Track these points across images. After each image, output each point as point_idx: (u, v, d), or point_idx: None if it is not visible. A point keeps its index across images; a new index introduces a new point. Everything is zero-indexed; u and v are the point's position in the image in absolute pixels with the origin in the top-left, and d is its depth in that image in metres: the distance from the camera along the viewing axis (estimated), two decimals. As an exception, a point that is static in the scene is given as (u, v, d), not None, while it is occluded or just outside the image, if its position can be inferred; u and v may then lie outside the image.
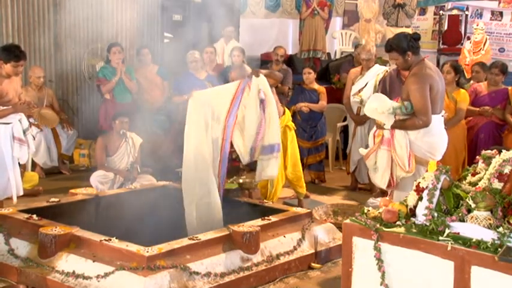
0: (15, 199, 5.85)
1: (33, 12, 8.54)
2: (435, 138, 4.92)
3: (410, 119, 4.82)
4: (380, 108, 4.82)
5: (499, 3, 10.70)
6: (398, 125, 4.87)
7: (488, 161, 3.54)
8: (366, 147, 7.11)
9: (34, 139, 6.60)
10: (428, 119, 4.77)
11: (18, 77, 5.94)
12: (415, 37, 5.01)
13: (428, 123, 4.78)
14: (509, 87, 7.00)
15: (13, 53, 5.75)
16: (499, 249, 2.96)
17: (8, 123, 5.76)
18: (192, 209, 5.00)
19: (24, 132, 5.91)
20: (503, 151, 3.44)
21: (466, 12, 12.49)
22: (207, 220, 4.95)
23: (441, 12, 12.62)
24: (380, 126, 4.97)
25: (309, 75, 7.64)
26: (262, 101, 5.23)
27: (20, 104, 5.88)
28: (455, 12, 12.73)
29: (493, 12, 11.26)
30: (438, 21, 12.56)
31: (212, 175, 5.03)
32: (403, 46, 4.89)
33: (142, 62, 8.17)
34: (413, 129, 4.83)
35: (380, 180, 4.97)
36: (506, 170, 3.28)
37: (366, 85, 7.20)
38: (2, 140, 5.72)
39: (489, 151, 3.71)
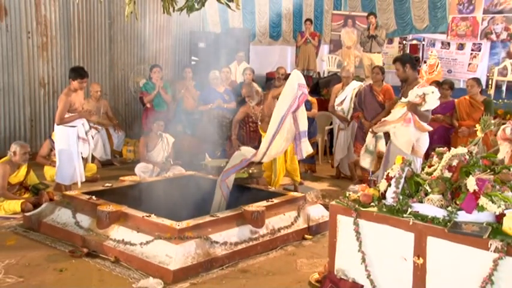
0: (79, 184, 5.89)
1: (94, 43, 8.62)
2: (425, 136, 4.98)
3: (425, 112, 4.80)
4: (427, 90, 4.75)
5: (447, 36, 10.69)
6: (420, 112, 4.77)
7: (440, 156, 3.52)
8: (348, 148, 7.15)
9: (93, 138, 6.64)
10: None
11: (82, 91, 5.98)
12: (416, 58, 5.22)
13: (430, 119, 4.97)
14: (456, 100, 6.96)
15: (79, 73, 5.81)
16: (448, 223, 2.96)
17: (74, 126, 5.80)
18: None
19: (86, 133, 5.96)
20: (452, 149, 3.43)
21: (423, 42, 12.49)
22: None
23: (404, 41, 12.61)
24: (414, 108, 4.76)
25: (304, 90, 7.60)
26: (302, 94, 4.92)
27: (83, 111, 5.93)
28: (414, 42, 12.73)
29: (442, 43, 11.24)
30: (402, 48, 12.54)
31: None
32: (404, 59, 5.05)
33: (184, 78, 8.20)
34: (424, 119, 4.84)
35: (406, 147, 4.82)
36: (454, 163, 3.26)
37: (345, 98, 7.17)
38: (71, 138, 5.77)
39: (441, 148, 3.69)
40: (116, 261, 3.98)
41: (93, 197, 4.73)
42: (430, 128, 4.98)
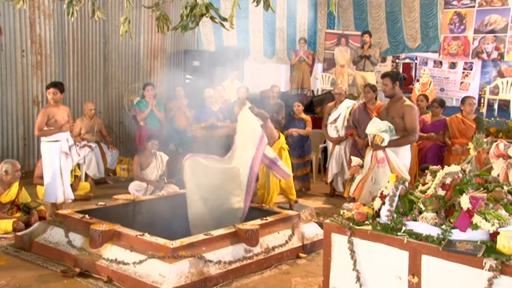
0: (62, 199, 5.69)
1: (88, 62, 8.66)
2: (409, 158, 5.01)
3: (404, 137, 4.88)
4: (380, 127, 4.83)
5: (439, 55, 10.84)
6: (393, 143, 4.87)
7: (434, 174, 3.54)
8: (342, 163, 7.17)
9: (79, 155, 6.54)
10: (417, 136, 5.03)
11: (66, 107, 5.93)
12: (404, 77, 5.31)
13: (417, 139, 5.00)
14: (447, 118, 7.02)
15: (48, 84, 5.84)
16: (442, 242, 2.96)
17: (58, 141, 5.72)
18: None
19: (69, 148, 5.83)
20: (445, 167, 3.45)
21: (416, 61, 12.64)
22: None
23: (397, 60, 12.77)
24: (377, 147, 4.90)
25: (298, 108, 7.64)
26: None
27: (64, 124, 5.76)
28: (407, 60, 12.88)
29: (435, 61, 11.40)
30: (395, 67, 12.69)
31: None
32: (394, 76, 5.10)
33: (176, 97, 8.22)
34: (407, 144, 4.87)
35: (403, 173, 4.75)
36: (448, 181, 3.28)
37: (339, 116, 7.21)
38: (54, 154, 5.67)
39: (434, 166, 3.71)
40: (108, 281, 3.94)
41: (86, 215, 4.70)
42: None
